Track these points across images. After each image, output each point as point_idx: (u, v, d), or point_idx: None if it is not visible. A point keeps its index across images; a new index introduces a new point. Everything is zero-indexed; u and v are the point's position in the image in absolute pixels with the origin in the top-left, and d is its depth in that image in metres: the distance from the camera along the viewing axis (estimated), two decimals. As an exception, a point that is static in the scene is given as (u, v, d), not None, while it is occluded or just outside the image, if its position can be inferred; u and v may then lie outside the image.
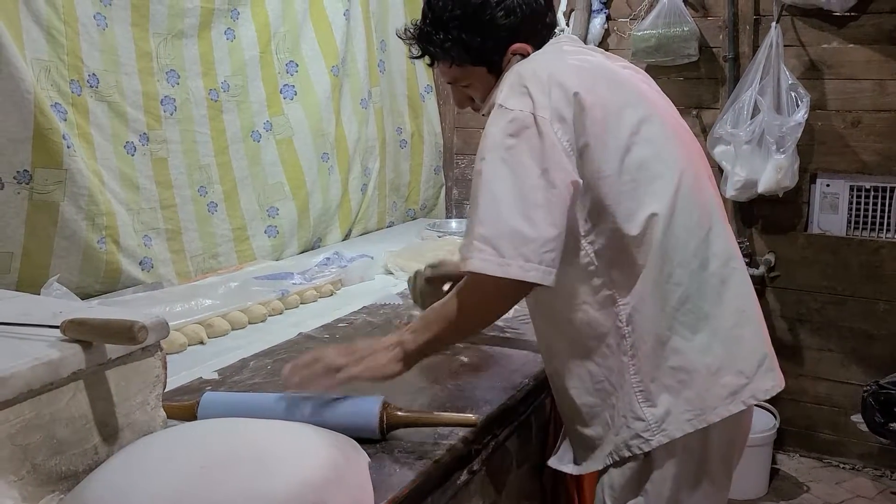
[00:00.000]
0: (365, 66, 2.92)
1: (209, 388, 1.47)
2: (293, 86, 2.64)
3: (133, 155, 2.09)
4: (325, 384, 1.21)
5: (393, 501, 1.06)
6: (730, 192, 2.80)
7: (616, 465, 1.29)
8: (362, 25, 2.90)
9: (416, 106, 3.28)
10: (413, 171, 3.30)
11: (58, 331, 1.05)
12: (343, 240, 2.90)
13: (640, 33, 2.87)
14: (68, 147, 1.84)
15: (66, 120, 1.88)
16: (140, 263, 2.07)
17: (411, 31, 1.42)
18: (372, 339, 1.30)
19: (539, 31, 1.37)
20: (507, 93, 1.23)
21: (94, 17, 1.97)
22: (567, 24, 3.08)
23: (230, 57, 2.42)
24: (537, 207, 1.15)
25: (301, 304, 2.05)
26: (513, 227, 1.15)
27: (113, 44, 2.03)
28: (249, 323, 1.88)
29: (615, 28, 3.07)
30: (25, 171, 1.80)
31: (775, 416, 2.83)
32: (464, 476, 1.26)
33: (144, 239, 2.11)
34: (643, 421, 1.24)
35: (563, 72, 1.23)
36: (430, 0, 1.38)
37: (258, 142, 2.52)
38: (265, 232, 2.53)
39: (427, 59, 1.43)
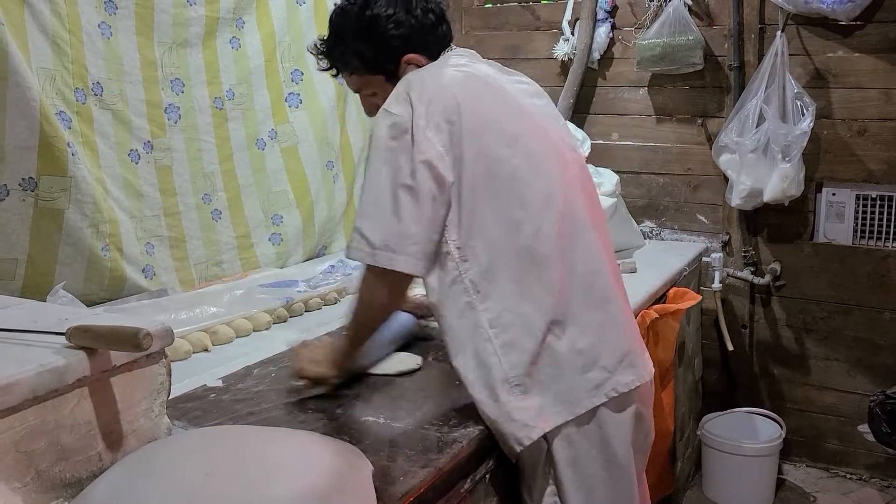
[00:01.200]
0: (370, 75, 2.92)
1: (213, 395, 1.47)
2: (298, 94, 2.65)
3: (137, 163, 2.09)
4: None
5: (398, 509, 1.06)
6: (735, 201, 2.79)
7: (521, 456, 1.34)
8: (367, 34, 2.90)
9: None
10: (417, 179, 3.29)
11: (63, 338, 1.05)
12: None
13: (645, 42, 2.87)
14: (73, 155, 1.84)
15: (70, 128, 1.89)
16: (143, 271, 2.07)
17: (318, 46, 1.55)
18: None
19: (430, 42, 1.49)
20: (393, 99, 1.36)
21: (99, 25, 1.98)
22: (572, 34, 3.09)
23: (235, 65, 2.43)
24: (405, 205, 1.28)
25: (305, 311, 2.05)
26: (383, 222, 1.29)
27: (117, 52, 2.03)
28: (254, 330, 1.88)
29: (620, 37, 3.07)
30: (31, 178, 1.80)
31: (781, 426, 2.81)
32: (467, 485, 1.26)
33: (147, 247, 2.11)
34: (527, 410, 1.30)
35: (446, 82, 1.36)
36: (331, 17, 1.53)
37: (263, 150, 2.52)
38: (269, 240, 2.53)
39: (333, 71, 1.55)
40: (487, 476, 1.33)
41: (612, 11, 3.06)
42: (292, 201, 2.61)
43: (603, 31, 3.04)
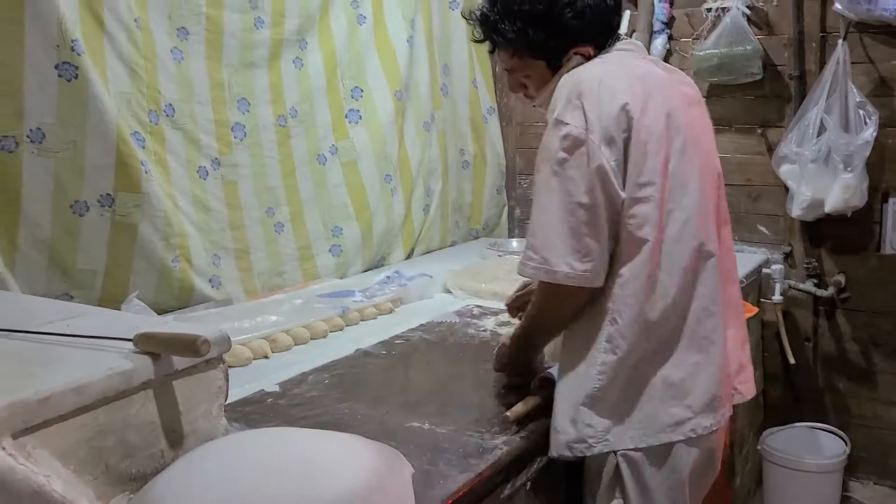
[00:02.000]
0: (428, 90, 3.00)
1: (270, 400, 1.55)
2: (358, 110, 2.74)
3: (205, 179, 2.22)
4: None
5: (436, 510, 1.11)
6: (796, 212, 2.75)
7: (591, 466, 1.37)
8: (425, 51, 2.98)
9: (478, 128, 3.34)
10: (475, 191, 3.36)
11: (131, 343, 1.14)
12: (406, 258, 2.97)
13: (701, 53, 2.86)
14: (146, 172, 1.97)
15: (144, 147, 2.02)
16: (210, 281, 2.19)
17: (478, 14, 1.45)
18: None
19: (604, 33, 1.40)
20: (564, 106, 1.28)
21: (172, 51, 2.11)
22: (628, 45, 3.10)
23: (298, 84, 2.53)
24: (581, 222, 1.25)
25: (361, 320, 2.13)
26: (559, 239, 1.26)
27: (188, 76, 2.16)
28: (311, 338, 1.97)
29: (677, 48, 3.07)
30: (108, 194, 1.94)
31: (846, 442, 2.75)
32: (507, 490, 1.30)
33: (213, 258, 2.23)
34: (592, 427, 1.31)
35: (619, 87, 1.27)
36: None
37: (324, 165, 2.62)
38: (329, 251, 2.63)
39: (488, 45, 1.46)
40: (529, 483, 1.37)
41: (669, 23, 3.06)
42: (352, 214, 2.70)
43: (660, 43, 3.04)
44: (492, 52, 1.48)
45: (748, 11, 2.85)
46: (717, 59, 2.82)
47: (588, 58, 1.38)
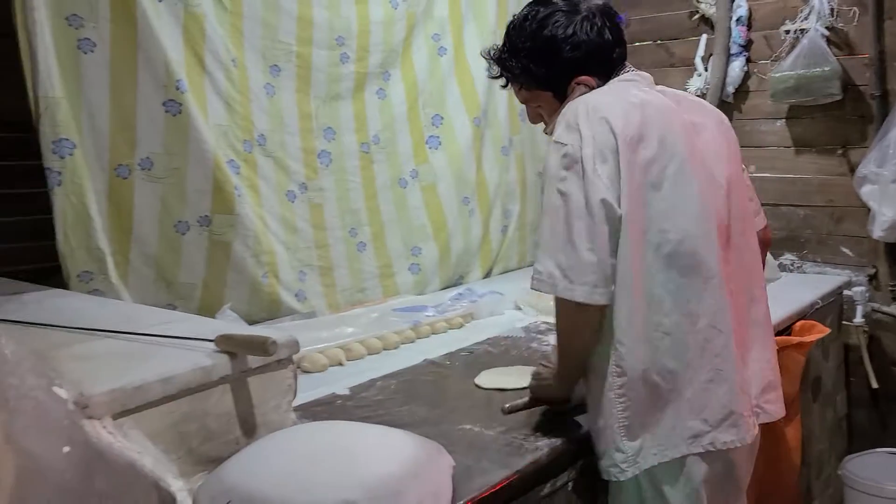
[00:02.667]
0: (506, 116, 3.13)
1: (339, 401, 1.71)
2: (438, 136, 2.90)
3: (293, 202, 2.43)
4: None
5: (472, 500, 1.22)
6: (877, 233, 2.71)
7: (614, 490, 1.42)
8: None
9: (557, 151, 3.44)
10: (554, 212, 3.44)
11: (212, 344, 1.32)
12: (484, 277, 3.09)
13: (778, 75, 2.87)
14: (239, 196, 2.19)
15: (238, 173, 2.24)
16: (296, 295, 2.38)
17: (492, 53, 1.57)
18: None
19: (604, 64, 1.48)
20: (562, 128, 1.37)
21: (265, 86, 2.34)
22: (705, 69, 3.14)
23: (381, 113, 2.72)
24: (580, 234, 1.30)
25: (432, 334, 2.26)
26: (561, 253, 1.31)
27: (279, 108, 2.38)
28: (384, 349, 2.11)
29: (756, 70, 3.08)
30: (206, 216, 2.17)
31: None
32: (546, 489, 1.39)
33: (300, 274, 2.43)
34: (623, 453, 1.35)
35: (614, 112, 1.35)
36: (509, 30, 1.53)
37: (404, 188, 2.79)
38: (409, 269, 2.79)
39: (502, 81, 1.58)
40: (570, 484, 1.45)
41: (747, 45, 3.08)
42: (430, 234, 2.85)
43: (737, 65, 3.07)
44: (504, 86, 1.59)
45: (827, 32, 2.84)
46: (794, 81, 2.82)
47: (591, 88, 1.46)
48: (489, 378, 1.80)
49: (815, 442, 2.62)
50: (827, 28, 2.84)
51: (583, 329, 1.37)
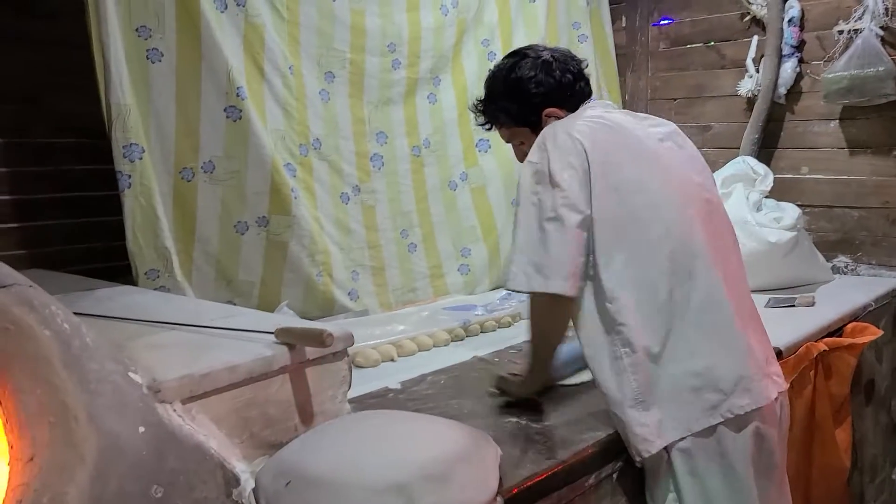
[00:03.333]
0: (555, 119, 3.17)
1: (391, 395, 1.77)
2: (487, 140, 2.95)
3: (347, 204, 2.51)
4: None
5: (518, 488, 1.27)
6: (933, 235, 2.67)
7: (644, 462, 1.47)
8: (553, 83, 3.16)
9: (606, 154, 3.46)
10: (603, 214, 3.47)
11: (272, 336, 1.40)
12: (533, 279, 3.13)
13: (830, 76, 2.85)
14: (296, 198, 2.28)
15: (295, 176, 2.34)
16: (349, 294, 2.47)
17: (477, 106, 1.82)
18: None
19: (569, 98, 1.69)
20: (533, 150, 1.57)
21: (320, 93, 2.43)
22: (756, 71, 3.12)
23: (431, 118, 2.79)
24: (553, 239, 1.46)
25: (481, 332, 2.32)
26: (535, 254, 1.47)
27: (333, 113, 2.47)
28: (434, 346, 2.18)
29: (808, 71, 3.06)
30: (264, 217, 2.26)
31: None
32: (591, 480, 1.44)
33: (353, 274, 2.51)
34: (645, 426, 1.43)
35: (575, 132, 1.53)
36: (486, 83, 1.78)
37: (454, 190, 2.86)
38: (458, 270, 2.85)
39: (487, 126, 1.82)
40: (615, 475, 1.49)
41: (800, 46, 3.06)
42: (480, 236, 2.91)
43: (789, 67, 3.05)
44: (489, 129, 1.83)
45: (882, 32, 2.81)
46: (847, 82, 2.80)
47: (559, 118, 1.65)
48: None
49: (869, 446, 2.59)
50: (881, 28, 2.81)
51: (556, 320, 1.55)
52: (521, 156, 1.74)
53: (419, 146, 2.75)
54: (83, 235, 2.33)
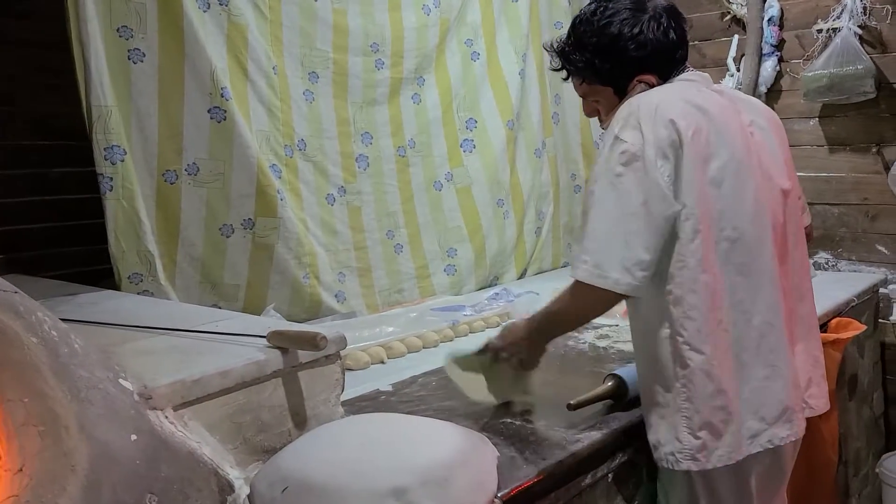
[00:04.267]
0: (539, 119, 3.17)
1: (383, 397, 1.76)
2: (472, 140, 2.95)
3: (332, 205, 2.49)
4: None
5: (518, 490, 1.26)
6: (914, 231, 2.71)
7: (666, 478, 1.45)
8: (536, 83, 3.16)
9: (590, 153, 3.47)
10: (586, 214, 3.47)
11: (265, 340, 1.37)
12: (519, 278, 3.13)
13: (810, 74, 2.88)
14: (281, 200, 2.26)
15: (280, 178, 2.31)
16: (335, 296, 2.44)
17: (556, 45, 1.59)
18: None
19: (666, 64, 1.49)
20: (623, 125, 1.37)
21: (304, 93, 2.41)
22: (738, 69, 3.15)
23: (416, 118, 2.78)
24: (635, 232, 1.32)
25: (470, 332, 2.31)
26: (612, 246, 1.33)
27: (318, 114, 2.45)
28: (423, 347, 2.16)
29: (788, 69, 3.09)
30: (249, 219, 2.24)
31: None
32: (588, 480, 1.43)
33: (339, 276, 2.49)
34: (680, 443, 1.38)
35: (672, 114, 1.36)
36: (575, 24, 1.56)
37: (440, 191, 2.85)
38: (444, 270, 2.84)
39: (563, 74, 1.60)
40: (610, 476, 1.49)
41: (779, 45, 3.09)
42: (465, 236, 2.90)
43: (769, 65, 3.07)
44: (566, 79, 1.61)
45: (860, 31, 2.84)
46: (827, 80, 2.83)
47: (651, 86, 1.48)
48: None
49: (853, 440, 2.62)
50: (860, 26, 2.84)
51: (600, 312, 1.44)
52: (591, 112, 1.60)
53: (404, 146, 2.73)
54: (63, 239, 2.28)
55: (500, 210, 3.02)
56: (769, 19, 3.06)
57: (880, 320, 2.86)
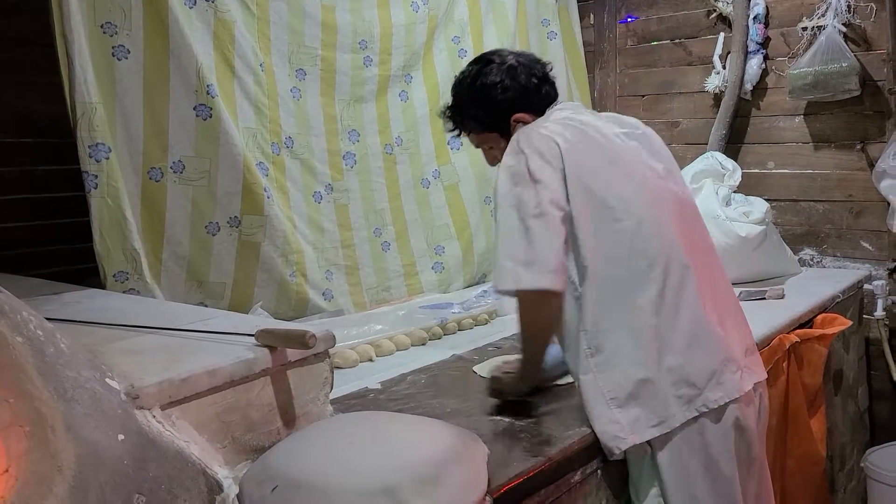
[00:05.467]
0: (525, 117, 3.17)
1: (372, 395, 1.75)
2: (459, 138, 2.94)
3: (320, 202, 2.48)
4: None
5: (508, 488, 1.26)
6: (897, 227, 2.73)
7: (630, 460, 1.50)
8: (523, 80, 3.15)
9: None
10: (574, 211, 3.48)
11: (253, 338, 1.36)
12: (506, 276, 3.12)
13: (796, 71, 2.89)
14: (268, 197, 2.24)
15: (267, 175, 2.30)
16: (323, 294, 2.43)
17: (443, 110, 1.81)
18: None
19: (535, 102, 1.69)
20: (508, 153, 1.56)
21: (291, 90, 2.39)
22: (724, 67, 3.16)
23: (403, 115, 2.77)
24: (538, 235, 1.45)
25: (458, 330, 2.31)
26: (521, 252, 1.45)
27: (305, 111, 2.44)
28: (412, 345, 2.16)
29: (773, 67, 3.10)
30: (236, 217, 2.22)
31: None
32: (577, 476, 1.43)
33: (327, 273, 2.48)
34: (618, 423, 1.44)
35: (547, 133, 1.54)
36: (453, 91, 1.79)
37: (427, 188, 2.84)
38: (432, 268, 2.83)
39: (456, 132, 1.81)
40: (599, 471, 1.49)
41: (765, 43, 3.10)
42: (453, 234, 2.90)
43: (755, 63, 3.09)
44: (457, 136, 1.84)
45: (845, 29, 2.86)
46: (812, 77, 2.85)
47: (527, 123, 1.65)
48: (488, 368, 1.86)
49: (838, 435, 2.64)
50: (844, 24, 2.86)
51: (546, 315, 1.53)
52: (492, 160, 1.75)
53: (391, 144, 2.72)
54: (47, 238, 2.26)
55: (487, 208, 3.02)
56: (755, 17, 3.08)
57: (865, 316, 2.89)
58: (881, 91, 2.86)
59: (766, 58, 3.11)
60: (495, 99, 1.68)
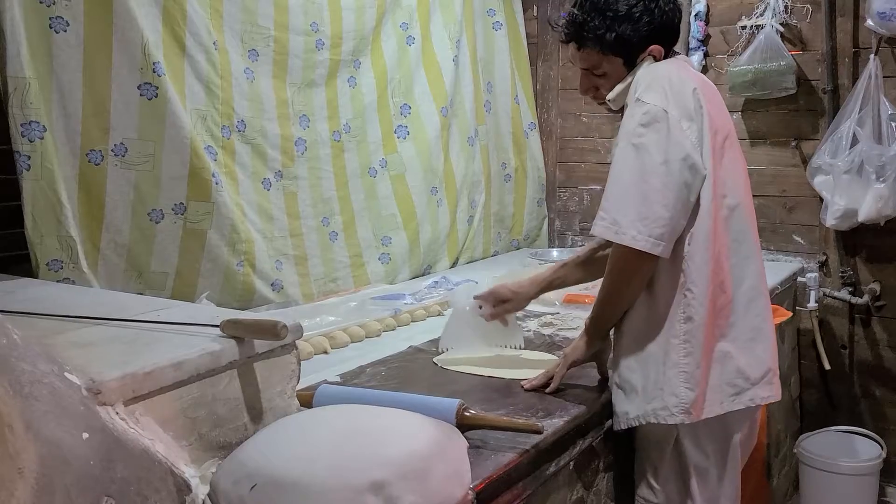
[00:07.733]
0: (472, 107, 3.15)
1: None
2: (406, 126, 2.90)
3: (269, 190, 2.39)
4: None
5: (489, 479, 1.23)
6: (830, 221, 2.83)
7: (648, 436, 1.50)
8: (470, 70, 3.14)
9: (519, 142, 3.48)
10: (517, 203, 3.49)
11: (218, 329, 1.29)
12: (451, 267, 3.10)
13: (736, 69, 2.96)
14: (216, 183, 2.14)
15: (216, 160, 2.19)
16: (271, 285, 2.35)
17: (566, 18, 1.60)
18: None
19: (671, 37, 1.57)
20: (645, 88, 1.43)
21: (244, 71, 2.29)
22: (665, 62, 3.21)
23: (352, 102, 2.70)
24: (654, 190, 1.36)
25: (412, 321, 2.26)
26: (630, 204, 1.37)
27: (258, 93, 2.34)
28: (366, 337, 2.11)
29: (713, 64, 3.17)
30: (181, 203, 2.11)
31: (882, 447, 2.79)
32: (552, 468, 1.42)
33: (276, 263, 2.39)
34: (676, 397, 1.42)
35: (693, 81, 1.46)
36: None
37: (374, 177, 2.78)
38: (379, 259, 2.78)
39: (574, 45, 1.59)
40: (572, 463, 1.48)
41: (705, 40, 3.17)
42: (400, 224, 2.85)
43: (695, 59, 3.15)
44: (578, 49, 1.59)
45: (782, 28, 2.95)
46: (752, 75, 2.92)
47: (657, 59, 1.54)
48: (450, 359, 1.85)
49: (774, 422, 2.73)
50: (781, 24, 2.95)
51: (636, 277, 1.44)
52: (590, 88, 1.61)
53: (339, 131, 2.65)
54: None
55: (433, 198, 2.99)
56: (696, 14, 3.14)
57: (797, 308, 2.99)
58: (815, 90, 2.96)
59: (706, 55, 3.17)
60: (641, 21, 1.51)
